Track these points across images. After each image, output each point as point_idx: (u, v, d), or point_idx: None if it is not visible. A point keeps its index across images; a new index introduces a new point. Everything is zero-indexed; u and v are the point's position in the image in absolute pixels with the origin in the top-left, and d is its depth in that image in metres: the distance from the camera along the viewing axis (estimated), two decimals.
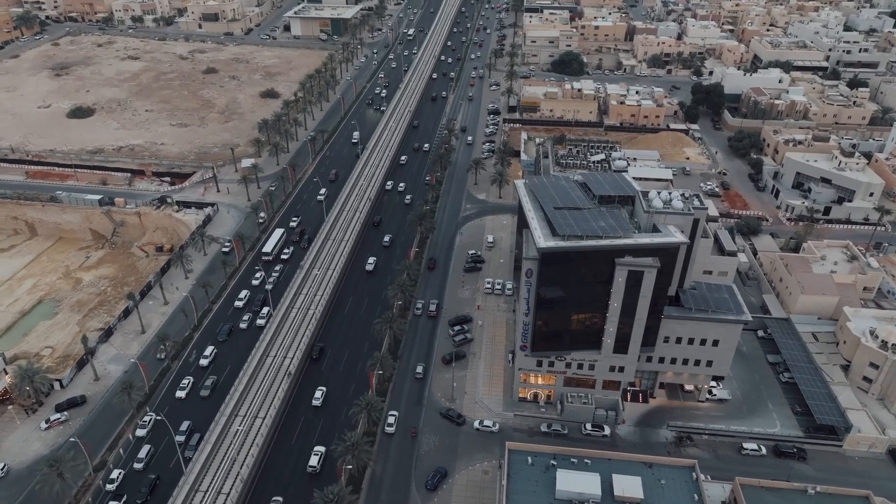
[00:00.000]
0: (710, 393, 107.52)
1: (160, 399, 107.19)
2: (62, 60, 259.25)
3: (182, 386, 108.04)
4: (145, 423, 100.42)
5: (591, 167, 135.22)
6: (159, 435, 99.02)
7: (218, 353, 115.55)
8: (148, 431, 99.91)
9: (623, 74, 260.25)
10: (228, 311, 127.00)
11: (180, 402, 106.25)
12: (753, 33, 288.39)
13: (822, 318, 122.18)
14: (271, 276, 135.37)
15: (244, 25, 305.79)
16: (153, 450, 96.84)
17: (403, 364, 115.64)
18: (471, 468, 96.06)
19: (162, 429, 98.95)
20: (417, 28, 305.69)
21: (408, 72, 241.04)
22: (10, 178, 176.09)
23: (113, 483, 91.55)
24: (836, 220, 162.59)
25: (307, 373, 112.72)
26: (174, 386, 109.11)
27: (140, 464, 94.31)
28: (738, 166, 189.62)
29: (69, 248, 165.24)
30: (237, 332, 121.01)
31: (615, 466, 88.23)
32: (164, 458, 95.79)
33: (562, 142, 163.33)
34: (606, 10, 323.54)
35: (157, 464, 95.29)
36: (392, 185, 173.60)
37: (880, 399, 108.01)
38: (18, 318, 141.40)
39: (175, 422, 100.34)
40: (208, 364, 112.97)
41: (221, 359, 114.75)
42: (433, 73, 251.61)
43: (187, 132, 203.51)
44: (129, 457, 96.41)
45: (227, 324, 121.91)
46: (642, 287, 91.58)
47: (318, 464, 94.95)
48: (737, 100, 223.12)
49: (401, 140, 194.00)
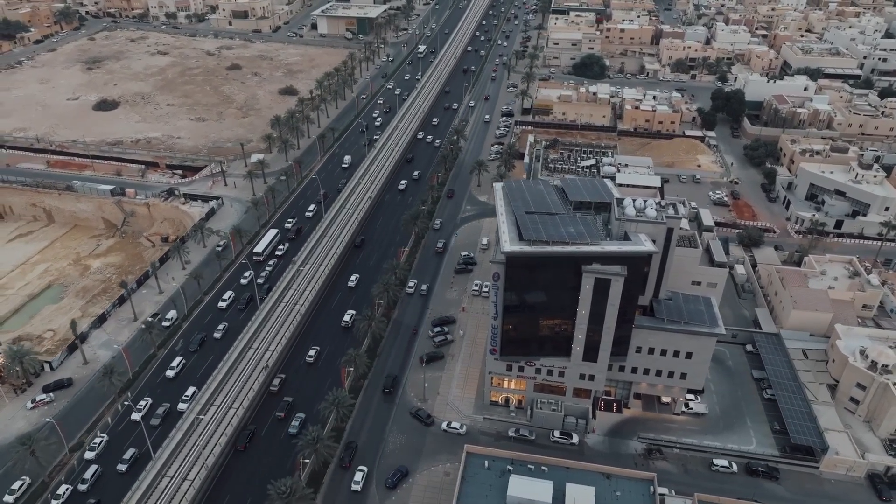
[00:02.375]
0: (686, 406, 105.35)
1: (143, 384, 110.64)
2: (95, 55, 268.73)
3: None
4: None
5: (580, 172, 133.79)
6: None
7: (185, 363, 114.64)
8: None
9: (646, 79, 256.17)
10: (207, 316, 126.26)
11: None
12: (785, 39, 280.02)
13: (816, 334, 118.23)
14: (260, 275, 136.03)
15: (272, 23, 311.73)
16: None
17: (381, 362, 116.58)
18: (432, 469, 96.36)
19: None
20: (442, 30, 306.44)
21: (406, 100, 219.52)
22: (32, 166, 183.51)
23: (93, 450, 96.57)
24: (848, 234, 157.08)
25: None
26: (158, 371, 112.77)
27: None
28: (752, 176, 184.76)
29: (82, 236, 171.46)
30: (210, 342, 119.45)
31: (572, 475, 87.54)
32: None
33: (555, 145, 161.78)
34: (636, 12, 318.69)
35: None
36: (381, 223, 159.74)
37: (867, 421, 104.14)
38: (27, 301, 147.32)
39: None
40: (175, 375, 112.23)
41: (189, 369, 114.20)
42: (445, 87, 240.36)
43: (204, 126, 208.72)
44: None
45: (200, 333, 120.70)
46: (610, 295, 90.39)
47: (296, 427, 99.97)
48: (759, 107, 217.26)
49: (393, 168, 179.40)
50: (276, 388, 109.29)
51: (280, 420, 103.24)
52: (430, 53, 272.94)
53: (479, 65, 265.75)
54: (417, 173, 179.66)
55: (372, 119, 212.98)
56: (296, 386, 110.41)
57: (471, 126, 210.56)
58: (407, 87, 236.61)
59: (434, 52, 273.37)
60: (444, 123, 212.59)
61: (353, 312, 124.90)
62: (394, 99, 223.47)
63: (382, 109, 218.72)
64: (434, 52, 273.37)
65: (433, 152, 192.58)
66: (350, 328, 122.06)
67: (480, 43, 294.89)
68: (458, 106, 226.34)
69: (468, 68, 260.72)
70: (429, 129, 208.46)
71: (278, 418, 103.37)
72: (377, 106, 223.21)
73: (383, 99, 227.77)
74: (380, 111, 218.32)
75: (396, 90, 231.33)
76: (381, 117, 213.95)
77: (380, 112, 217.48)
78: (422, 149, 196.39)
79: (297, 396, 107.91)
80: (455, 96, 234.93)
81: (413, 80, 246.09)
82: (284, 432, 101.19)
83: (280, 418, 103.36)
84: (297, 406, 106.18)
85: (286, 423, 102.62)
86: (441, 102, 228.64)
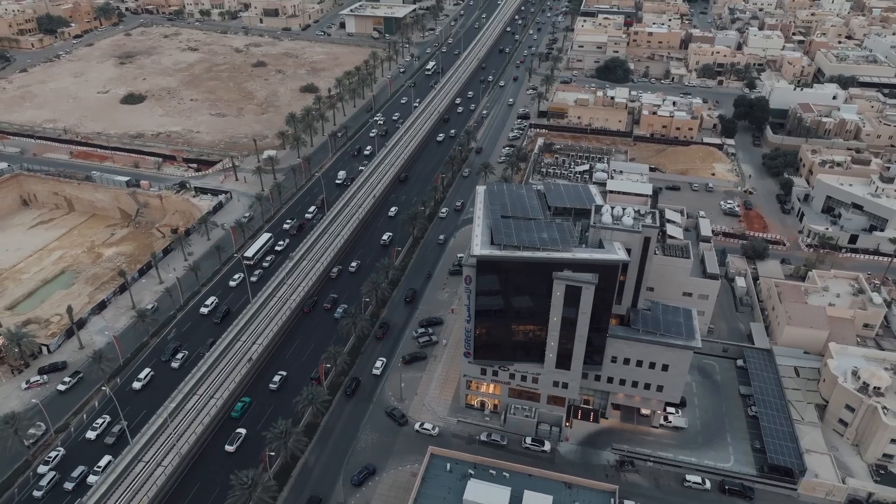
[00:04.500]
0: (665, 419, 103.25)
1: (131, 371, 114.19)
2: (129, 50, 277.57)
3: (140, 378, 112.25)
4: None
5: (573, 177, 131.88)
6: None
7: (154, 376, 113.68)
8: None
9: (671, 84, 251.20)
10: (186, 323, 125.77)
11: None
12: (821, 45, 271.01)
13: (811, 352, 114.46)
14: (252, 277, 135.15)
15: (302, 21, 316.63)
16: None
17: (365, 360, 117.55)
18: (400, 468, 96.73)
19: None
20: (472, 24, 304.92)
21: (403, 124, 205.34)
22: (57, 156, 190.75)
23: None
24: (863, 249, 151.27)
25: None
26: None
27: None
28: (768, 186, 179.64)
29: (99, 225, 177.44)
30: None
31: (532, 483, 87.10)
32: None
33: (550, 149, 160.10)
34: (667, 16, 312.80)
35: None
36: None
37: (855, 445, 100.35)
38: (41, 286, 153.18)
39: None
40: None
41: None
42: (456, 99, 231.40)
43: (223, 122, 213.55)
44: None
45: (175, 343, 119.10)
46: (581, 303, 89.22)
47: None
48: (784, 116, 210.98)
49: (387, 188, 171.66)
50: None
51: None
52: (437, 73, 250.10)
53: (500, 67, 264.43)
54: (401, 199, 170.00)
55: (368, 139, 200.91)
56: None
57: (484, 128, 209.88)
58: (404, 113, 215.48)
59: (458, 58, 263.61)
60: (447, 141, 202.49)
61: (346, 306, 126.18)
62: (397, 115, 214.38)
63: (378, 133, 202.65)
64: (458, 58, 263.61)
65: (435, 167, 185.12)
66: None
67: (507, 43, 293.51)
68: (474, 107, 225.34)
69: (484, 78, 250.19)
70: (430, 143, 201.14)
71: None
72: (376, 124, 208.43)
73: (383, 119, 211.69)
74: (377, 131, 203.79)
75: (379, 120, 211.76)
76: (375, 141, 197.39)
77: (377, 133, 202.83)
78: (418, 170, 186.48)
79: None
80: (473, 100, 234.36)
81: (414, 101, 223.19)
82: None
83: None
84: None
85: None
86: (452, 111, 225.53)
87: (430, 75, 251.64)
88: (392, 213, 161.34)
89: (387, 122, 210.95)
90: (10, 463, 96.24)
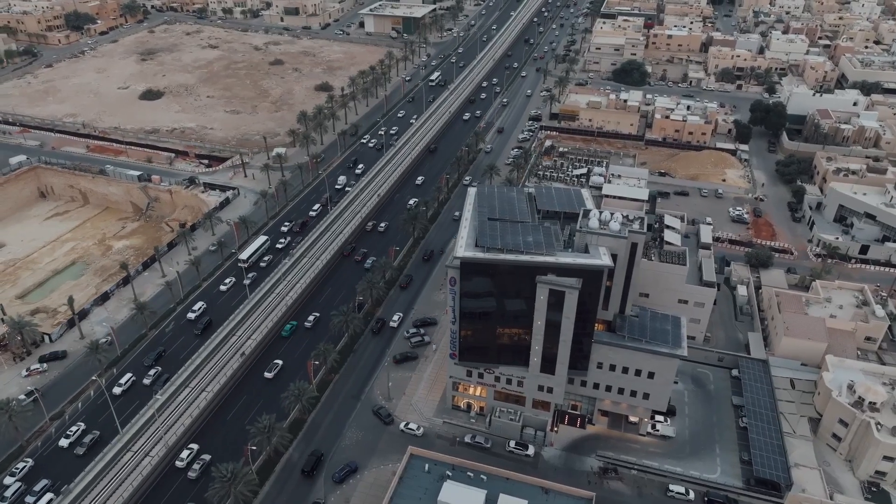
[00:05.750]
0: (653, 428, 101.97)
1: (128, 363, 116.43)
2: (152, 47, 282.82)
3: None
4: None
5: (569, 181, 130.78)
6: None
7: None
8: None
9: (688, 87, 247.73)
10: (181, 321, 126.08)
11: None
12: (847, 50, 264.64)
13: (810, 364, 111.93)
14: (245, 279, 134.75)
15: (322, 20, 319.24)
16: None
17: (356, 358, 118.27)
18: (382, 467, 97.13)
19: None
20: (489, 25, 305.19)
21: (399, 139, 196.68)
22: (74, 150, 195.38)
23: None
24: (874, 260, 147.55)
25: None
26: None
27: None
28: (780, 193, 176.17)
29: (111, 218, 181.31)
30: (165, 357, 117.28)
31: (509, 486, 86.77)
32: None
33: (549, 152, 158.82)
34: (689, 18, 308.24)
35: None
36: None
37: (848, 461, 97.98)
38: (51, 276, 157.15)
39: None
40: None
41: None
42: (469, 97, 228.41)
43: (237, 118, 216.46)
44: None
45: (155, 349, 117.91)
46: (564, 307, 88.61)
47: None
48: (802, 122, 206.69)
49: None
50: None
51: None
52: (442, 85, 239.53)
53: (517, 69, 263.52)
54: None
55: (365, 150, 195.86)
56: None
57: (494, 130, 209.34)
58: (402, 126, 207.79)
59: (468, 67, 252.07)
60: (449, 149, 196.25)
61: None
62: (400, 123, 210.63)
63: (376, 146, 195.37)
64: (468, 67, 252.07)
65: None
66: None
67: (526, 43, 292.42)
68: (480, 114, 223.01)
69: (494, 82, 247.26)
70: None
71: None
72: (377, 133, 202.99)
73: (384, 129, 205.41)
74: (377, 141, 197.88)
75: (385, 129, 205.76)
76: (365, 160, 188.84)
77: (376, 144, 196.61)
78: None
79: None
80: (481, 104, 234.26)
81: (411, 117, 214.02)
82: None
83: None
84: None
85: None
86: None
87: (434, 86, 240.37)
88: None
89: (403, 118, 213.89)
90: (4, 448, 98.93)
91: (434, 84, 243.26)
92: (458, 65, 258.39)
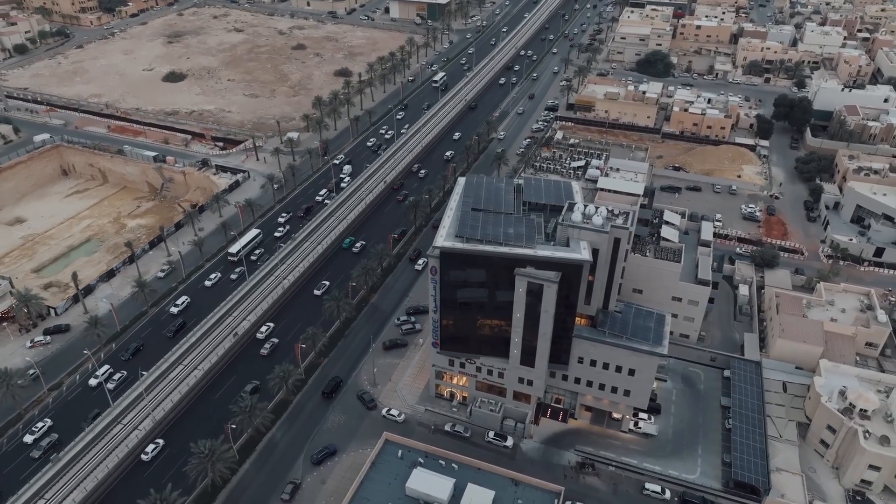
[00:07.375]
0: (635, 425, 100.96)
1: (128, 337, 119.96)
2: (179, 29, 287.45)
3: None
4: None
5: (566, 173, 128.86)
6: None
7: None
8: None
9: (714, 80, 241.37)
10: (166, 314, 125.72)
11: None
12: (885, 44, 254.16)
13: (805, 368, 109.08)
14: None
15: (348, 5, 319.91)
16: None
17: (348, 342, 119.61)
18: (360, 451, 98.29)
19: None
20: (510, 18, 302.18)
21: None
22: (95, 129, 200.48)
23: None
24: (889, 264, 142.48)
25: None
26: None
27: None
28: (798, 191, 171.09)
29: (128, 197, 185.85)
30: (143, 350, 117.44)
31: (479, 476, 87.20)
32: None
33: (548, 144, 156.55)
34: (721, 9, 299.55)
35: None
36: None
37: (835, 468, 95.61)
38: (66, 252, 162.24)
39: None
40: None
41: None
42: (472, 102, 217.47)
43: (255, 102, 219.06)
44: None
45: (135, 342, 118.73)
46: (543, 301, 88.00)
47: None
48: (829, 118, 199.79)
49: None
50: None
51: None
52: (444, 89, 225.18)
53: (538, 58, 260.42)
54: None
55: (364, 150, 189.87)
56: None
57: (509, 119, 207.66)
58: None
59: (470, 71, 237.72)
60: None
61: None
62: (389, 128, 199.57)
63: (373, 148, 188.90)
64: (470, 71, 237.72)
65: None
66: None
67: (549, 32, 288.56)
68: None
69: (504, 82, 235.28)
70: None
71: None
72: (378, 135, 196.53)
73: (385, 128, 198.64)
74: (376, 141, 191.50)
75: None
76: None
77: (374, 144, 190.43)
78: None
79: None
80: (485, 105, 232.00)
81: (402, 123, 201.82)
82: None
83: None
84: None
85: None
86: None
87: (436, 88, 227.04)
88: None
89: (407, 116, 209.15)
90: (2, 416, 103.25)
91: (437, 84, 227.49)
92: (490, 42, 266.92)
